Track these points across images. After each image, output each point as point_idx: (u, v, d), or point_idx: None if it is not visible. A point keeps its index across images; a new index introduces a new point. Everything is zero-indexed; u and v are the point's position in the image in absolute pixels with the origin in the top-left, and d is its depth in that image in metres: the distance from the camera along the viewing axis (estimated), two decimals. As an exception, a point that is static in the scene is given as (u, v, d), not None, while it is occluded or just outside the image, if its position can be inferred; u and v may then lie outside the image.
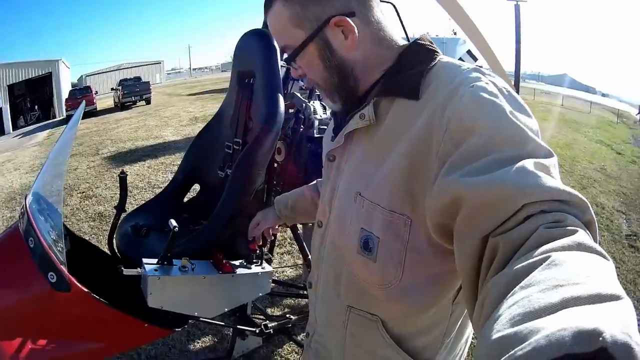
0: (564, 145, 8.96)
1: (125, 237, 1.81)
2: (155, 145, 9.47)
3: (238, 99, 1.98)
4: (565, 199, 0.52)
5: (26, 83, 27.88)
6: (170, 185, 2.22)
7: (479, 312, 0.47)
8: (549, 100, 20.23)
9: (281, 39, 0.82)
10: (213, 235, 1.62)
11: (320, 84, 0.84)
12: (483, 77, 0.69)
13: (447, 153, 0.64)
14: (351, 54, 0.79)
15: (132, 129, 12.50)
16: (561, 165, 7.23)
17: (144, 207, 2.11)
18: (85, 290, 1.30)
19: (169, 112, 16.24)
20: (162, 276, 1.32)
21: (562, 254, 0.42)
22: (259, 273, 1.56)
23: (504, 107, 0.62)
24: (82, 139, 11.48)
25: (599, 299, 0.33)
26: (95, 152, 9.36)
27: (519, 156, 0.56)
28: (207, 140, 2.19)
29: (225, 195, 1.64)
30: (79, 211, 5.35)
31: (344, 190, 0.86)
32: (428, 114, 0.69)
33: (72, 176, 7.24)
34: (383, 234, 0.76)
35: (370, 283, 0.81)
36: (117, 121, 15.35)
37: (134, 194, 5.79)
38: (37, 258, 1.30)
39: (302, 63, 0.82)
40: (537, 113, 14.26)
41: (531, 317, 0.33)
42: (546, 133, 10.57)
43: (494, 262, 0.51)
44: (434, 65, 0.76)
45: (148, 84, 22.70)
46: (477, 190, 0.55)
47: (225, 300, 1.54)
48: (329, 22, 0.76)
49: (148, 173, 6.89)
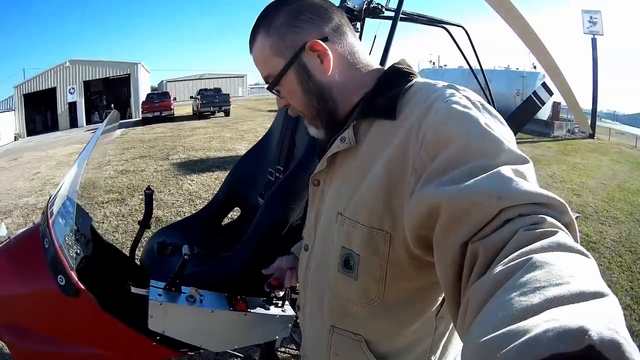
0: (635, 191, 8.28)
1: (149, 253, 1.77)
2: (226, 157, 9.61)
3: (285, 122, 1.90)
4: (543, 202, 0.52)
5: (104, 81, 29.26)
6: (210, 205, 2.18)
7: (463, 319, 0.47)
8: (624, 140, 19.06)
9: (264, 69, 0.87)
10: (233, 269, 1.52)
11: (302, 110, 0.88)
12: (457, 92, 0.72)
13: (423, 166, 0.65)
14: (328, 76, 0.83)
15: (207, 138, 12.87)
16: (631, 213, 6.63)
17: (178, 224, 2.08)
18: (92, 299, 1.28)
19: (247, 125, 16.30)
20: (164, 302, 1.26)
21: (543, 255, 0.42)
22: (277, 316, 1.43)
23: (477, 118, 0.64)
24: (154, 142, 12.12)
25: (582, 297, 0.34)
26: (166, 156, 9.79)
27: (494, 164, 0.57)
28: (252, 163, 2.13)
29: (253, 229, 1.54)
30: (137, 212, 5.53)
31: (326, 212, 0.88)
32: (405, 131, 0.72)
33: (138, 177, 7.60)
34: (363, 251, 0.77)
35: (352, 301, 0.83)
36: (192, 129, 15.90)
37: (196, 204, 5.89)
38: (49, 259, 1.31)
39: (284, 91, 0.87)
40: (612, 155, 13.39)
41: (514, 320, 0.33)
42: (619, 177, 9.84)
43: (475, 268, 0.51)
44: (411, 86, 0.80)
45: (228, 96, 22.89)
46: (454, 198, 0.56)
47: (235, 338, 1.43)
48: (304, 48, 0.81)
49: (214, 184, 6.95)
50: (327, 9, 0.85)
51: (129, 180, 7.37)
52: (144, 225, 1.66)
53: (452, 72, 26.55)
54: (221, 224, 2.22)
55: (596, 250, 4.73)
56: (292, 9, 0.82)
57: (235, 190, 2.15)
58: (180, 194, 6.35)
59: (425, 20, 2.72)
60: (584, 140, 17.58)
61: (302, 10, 0.82)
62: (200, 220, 2.13)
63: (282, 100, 0.90)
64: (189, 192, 6.44)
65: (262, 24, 0.84)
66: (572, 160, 11.43)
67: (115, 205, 5.89)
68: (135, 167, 8.62)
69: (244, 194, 2.12)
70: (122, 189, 6.76)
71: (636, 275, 4.27)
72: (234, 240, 1.88)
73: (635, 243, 5.20)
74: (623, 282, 4.09)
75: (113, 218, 5.29)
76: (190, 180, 7.19)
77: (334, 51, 0.83)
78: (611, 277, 4.15)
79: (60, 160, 10.85)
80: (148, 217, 1.66)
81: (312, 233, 0.94)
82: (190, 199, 6.13)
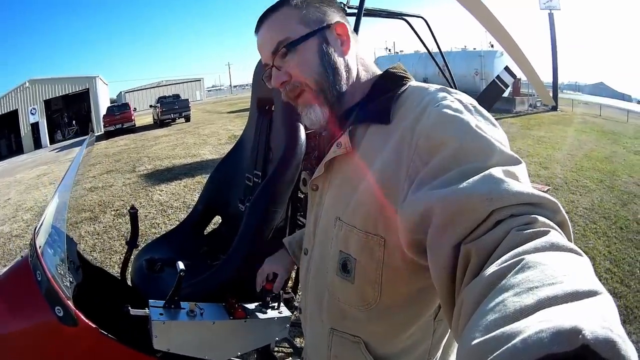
0: (603, 159, 8.63)
1: (139, 271, 1.77)
2: (192, 163, 9.53)
3: (258, 127, 1.92)
4: (535, 202, 0.53)
5: (63, 98, 28.52)
6: (190, 216, 2.18)
7: (457, 320, 0.48)
8: (587, 110, 19.71)
9: (281, 32, 0.83)
10: (226, 278, 1.54)
11: (310, 84, 0.84)
12: (449, 95, 0.73)
13: (416, 171, 0.67)
14: (345, 59, 0.85)
15: (170, 146, 12.68)
16: (601, 181, 6.94)
17: (162, 239, 2.07)
18: (92, 326, 1.27)
19: (208, 130, 16.19)
20: (167, 321, 1.27)
21: (535, 255, 0.42)
22: (274, 318, 1.47)
23: (469, 121, 0.65)
24: (119, 156, 11.82)
25: (576, 296, 0.34)
26: (132, 169, 9.59)
27: (486, 166, 0.58)
28: (228, 170, 2.14)
29: (240, 236, 1.57)
30: (111, 229, 5.43)
31: (325, 216, 0.89)
32: (398, 136, 0.73)
33: (107, 193, 7.43)
34: (359, 255, 0.79)
35: (350, 304, 0.85)
36: (155, 138, 15.63)
37: (168, 214, 5.83)
38: (44, 292, 1.29)
39: (295, 60, 0.83)
40: (576, 125, 13.83)
41: (508, 321, 0.33)
42: (585, 146, 10.28)
43: (468, 269, 0.52)
44: (404, 90, 0.82)
45: (187, 102, 22.66)
46: (446, 201, 0.56)
47: (238, 345, 1.46)
48: (331, 27, 0.84)
49: (184, 192, 6.92)
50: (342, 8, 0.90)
51: (99, 197, 7.19)
52: (132, 244, 1.66)
53: (409, 57, 26.88)
54: (204, 233, 2.23)
55: (570, 220, 4.83)
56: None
57: (214, 199, 2.16)
58: (152, 206, 6.27)
59: (386, 14, 2.78)
60: (547, 113, 18.02)
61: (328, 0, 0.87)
62: (183, 232, 2.13)
63: (280, 75, 0.85)
64: (160, 203, 6.37)
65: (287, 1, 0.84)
66: (536, 134, 11.74)
67: (89, 224, 5.76)
68: (104, 182, 8.41)
69: (223, 202, 2.13)
70: (93, 207, 6.60)
71: (612, 240, 4.44)
72: (219, 248, 1.90)
73: (608, 209, 5.40)
74: (600, 247, 4.24)
75: (89, 237, 5.17)
76: (160, 191, 7.10)
77: (352, 41, 0.86)
78: (587, 243, 4.30)
79: (29, 184, 10.46)
80: (135, 236, 1.66)
81: (312, 237, 0.96)
82: (162, 209, 6.06)
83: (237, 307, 1.42)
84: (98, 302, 1.46)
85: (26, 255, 1.46)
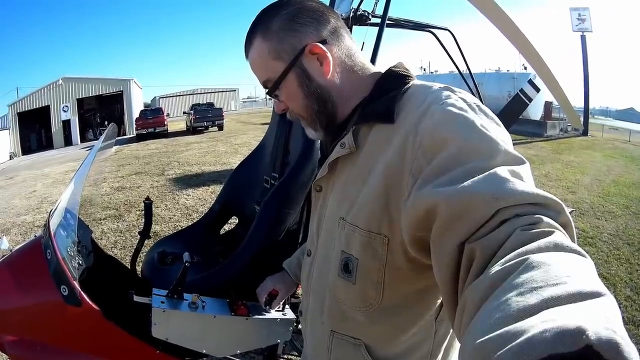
0: (630, 185, 8.34)
1: (150, 263, 1.79)
2: (221, 171, 9.58)
3: (278, 131, 1.93)
4: (539, 202, 0.53)
5: (97, 98, 29.25)
6: (207, 215, 2.20)
7: (460, 320, 0.48)
8: (617, 136, 19.19)
9: (263, 74, 0.86)
10: (233, 274, 1.54)
11: (302, 114, 0.88)
12: (453, 94, 0.73)
13: (420, 169, 0.66)
14: (327, 79, 0.83)
15: (201, 153, 12.86)
16: (627, 207, 6.66)
17: (177, 235, 2.10)
18: (95, 308, 1.29)
19: (240, 139, 16.20)
20: (167, 309, 1.27)
21: (539, 255, 0.42)
22: (277, 319, 1.45)
23: (473, 120, 0.65)
24: (149, 159, 12.10)
25: (579, 297, 0.33)
26: (161, 172, 9.79)
27: (490, 165, 0.58)
28: (247, 172, 2.16)
29: (251, 234, 1.57)
30: (134, 228, 5.54)
31: (329, 217, 0.88)
32: (402, 135, 0.72)
33: (134, 194, 7.59)
34: (361, 255, 0.78)
35: (351, 306, 0.84)
36: (187, 144, 15.90)
37: (193, 218, 5.89)
38: (52, 270, 1.32)
39: (283, 95, 0.86)
40: (605, 150, 13.46)
41: (511, 320, 0.33)
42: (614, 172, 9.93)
43: (472, 268, 0.51)
44: (408, 88, 0.81)
45: (221, 110, 22.82)
46: (451, 199, 0.56)
47: (237, 343, 1.45)
48: (304, 51, 0.81)
49: (211, 198, 6.92)
50: (324, 12, 0.84)
51: (125, 197, 7.36)
52: (144, 235, 1.68)
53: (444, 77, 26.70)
54: (219, 233, 2.24)
55: (593, 245, 4.72)
56: (289, 12, 0.81)
57: (231, 199, 2.17)
58: (177, 209, 6.36)
59: (411, 25, 2.78)
60: (577, 138, 17.67)
61: (299, 14, 0.82)
62: (198, 230, 2.15)
63: (281, 104, 0.89)
64: (185, 207, 6.46)
65: (259, 28, 0.83)
66: (565, 159, 11.49)
67: (112, 221, 5.89)
68: (132, 183, 8.62)
69: (240, 203, 2.14)
70: (119, 205, 6.76)
71: (635, 267, 4.29)
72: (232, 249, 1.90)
73: (632, 236, 5.22)
74: (622, 274, 4.11)
75: (111, 234, 5.29)
76: (187, 195, 7.20)
77: (333, 54, 0.82)
78: (609, 270, 4.17)
79: (56, 179, 10.84)
80: (148, 227, 1.68)
81: (315, 239, 0.95)
82: (188, 213, 6.14)
83: (241, 304, 1.42)
84: (105, 287, 1.47)
85: (39, 235, 1.50)
